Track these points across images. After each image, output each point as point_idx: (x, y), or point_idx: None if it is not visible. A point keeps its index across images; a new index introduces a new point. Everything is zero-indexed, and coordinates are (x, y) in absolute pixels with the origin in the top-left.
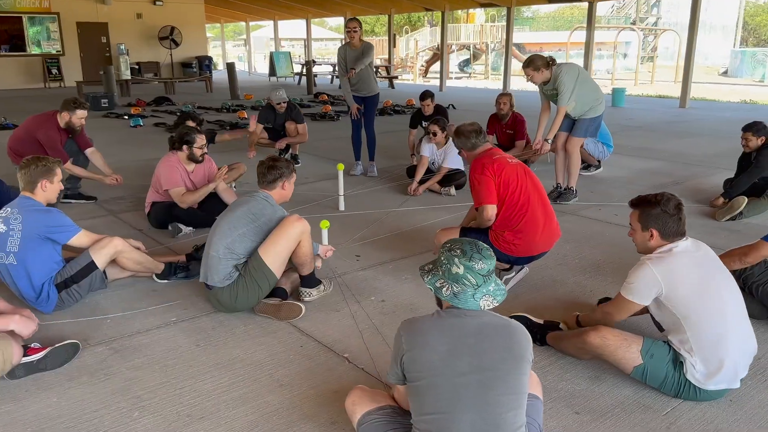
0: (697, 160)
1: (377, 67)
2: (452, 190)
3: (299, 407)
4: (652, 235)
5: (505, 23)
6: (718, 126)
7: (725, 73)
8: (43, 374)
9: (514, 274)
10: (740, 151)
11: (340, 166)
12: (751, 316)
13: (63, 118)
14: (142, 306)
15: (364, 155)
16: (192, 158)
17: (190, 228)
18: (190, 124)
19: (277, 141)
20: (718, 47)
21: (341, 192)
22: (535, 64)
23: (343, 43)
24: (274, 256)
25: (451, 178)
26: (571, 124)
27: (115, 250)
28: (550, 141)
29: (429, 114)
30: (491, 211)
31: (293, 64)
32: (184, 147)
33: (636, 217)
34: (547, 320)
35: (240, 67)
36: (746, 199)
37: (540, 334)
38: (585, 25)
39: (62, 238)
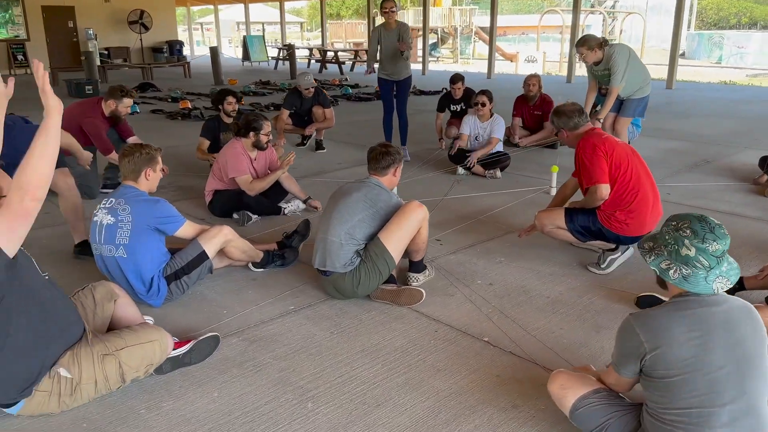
0: (714, 139)
1: (357, 51)
2: (498, 173)
3: (470, 392)
4: None
5: (470, 7)
6: (713, 106)
7: (682, 55)
8: (188, 368)
9: (620, 254)
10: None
11: None
12: None
13: (109, 107)
14: (248, 295)
15: (396, 140)
16: (257, 145)
17: (257, 216)
18: (231, 100)
19: (306, 127)
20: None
21: None
22: (589, 43)
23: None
24: (396, 242)
25: (497, 161)
26: (618, 105)
27: (225, 239)
28: (601, 121)
29: (459, 97)
30: (605, 190)
31: (267, 48)
32: (251, 134)
33: None
34: None
35: (204, 51)
36: None
37: None
38: (556, 8)
39: (171, 229)
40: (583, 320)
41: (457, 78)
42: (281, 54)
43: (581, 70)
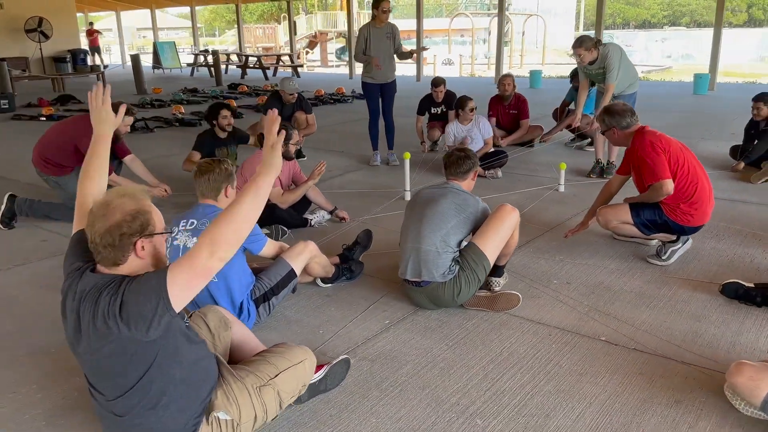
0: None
1: (279, 56)
2: (499, 173)
3: (627, 393)
4: None
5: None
6: (649, 102)
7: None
8: (327, 395)
9: (681, 245)
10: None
11: (407, 155)
12: None
13: None
14: (332, 312)
15: (381, 145)
16: (286, 156)
17: (289, 229)
18: (225, 113)
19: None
20: (562, 30)
21: (408, 181)
22: (586, 44)
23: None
24: (494, 247)
25: (495, 161)
26: (592, 104)
27: (311, 255)
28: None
29: (440, 100)
30: (670, 185)
31: (179, 54)
32: None
33: None
34: (757, 283)
35: (108, 60)
36: None
37: (761, 296)
38: (466, 12)
39: (256, 248)
40: (678, 311)
41: (439, 81)
42: (203, 60)
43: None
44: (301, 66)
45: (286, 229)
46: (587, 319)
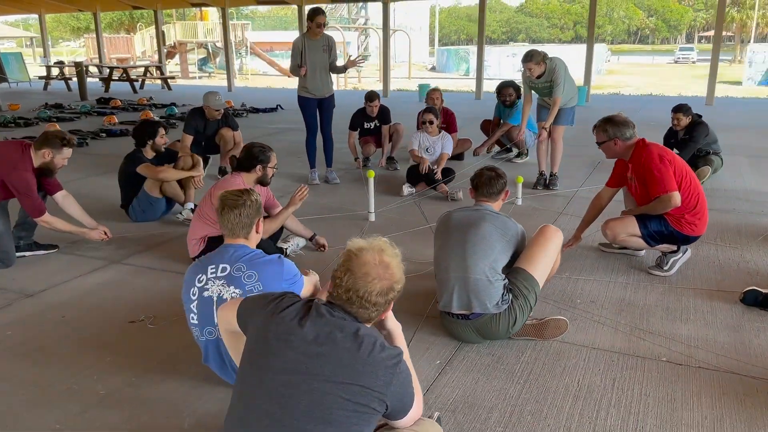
0: (576, 142)
1: (147, 68)
2: (460, 194)
3: (724, 416)
4: None
5: (238, 21)
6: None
7: (433, 68)
8: None
9: (681, 255)
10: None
11: (371, 174)
12: None
13: (42, 157)
14: None
15: (319, 163)
16: (262, 181)
17: None
18: (163, 132)
19: (211, 155)
20: (418, 47)
21: (372, 202)
22: (536, 58)
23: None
24: (543, 272)
25: (448, 179)
26: (547, 115)
27: None
28: (547, 129)
29: (375, 115)
30: (678, 197)
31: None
32: (257, 167)
33: None
34: None
35: None
36: (709, 169)
37: None
38: (336, 25)
39: (297, 289)
40: (711, 323)
41: (373, 96)
42: (58, 72)
43: (396, 84)
44: (173, 78)
45: None
46: (634, 339)
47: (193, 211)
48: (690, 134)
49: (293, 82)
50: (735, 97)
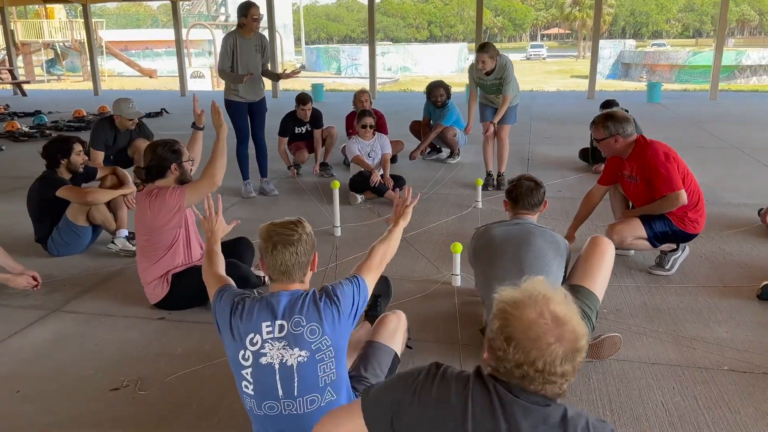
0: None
1: None
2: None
3: None
4: None
5: (96, 20)
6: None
7: (302, 67)
8: None
9: (681, 253)
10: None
11: (336, 184)
12: None
13: None
14: None
15: (253, 173)
16: (183, 179)
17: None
18: (79, 149)
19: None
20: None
21: (337, 215)
22: (491, 52)
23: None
24: (602, 288)
25: (394, 186)
26: (491, 114)
27: (404, 327)
28: (495, 124)
29: (307, 119)
30: (685, 196)
31: None
32: (172, 167)
33: None
34: None
35: None
36: None
37: None
38: (204, 23)
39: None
40: (743, 322)
41: (306, 98)
42: None
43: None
44: (28, 83)
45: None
46: (684, 348)
47: (129, 239)
48: None
49: (157, 84)
50: (607, 90)
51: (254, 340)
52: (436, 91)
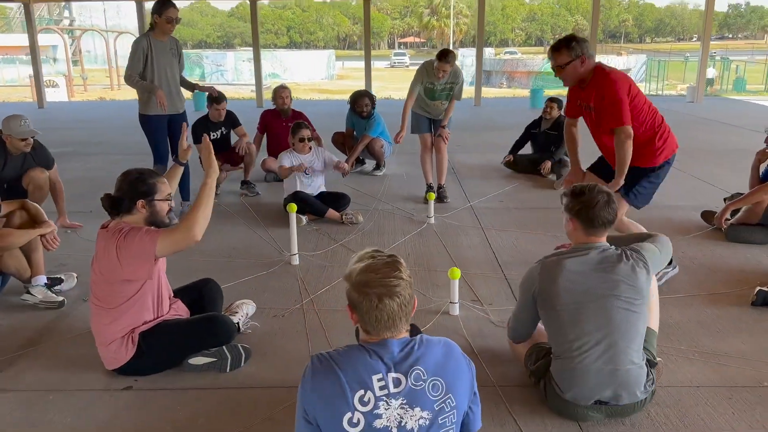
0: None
1: None
2: (360, 216)
3: None
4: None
5: None
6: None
7: None
8: None
9: (671, 269)
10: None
11: (293, 207)
12: None
13: None
14: None
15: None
16: (154, 221)
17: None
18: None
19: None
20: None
21: (295, 243)
22: (453, 60)
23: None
24: (657, 321)
25: (339, 202)
26: (429, 124)
27: None
28: (446, 127)
29: (222, 119)
30: (630, 129)
31: None
32: (139, 204)
33: None
34: None
35: None
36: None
37: None
38: (53, 27)
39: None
40: (754, 332)
41: (221, 97)
42: None
43: None
44: None
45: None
46: (715, 365)
47: (50, 288)
48: (558, 130)
49: (19, 92)
50: (486, 97)
51: (365, 399)
52: (361, 102)
